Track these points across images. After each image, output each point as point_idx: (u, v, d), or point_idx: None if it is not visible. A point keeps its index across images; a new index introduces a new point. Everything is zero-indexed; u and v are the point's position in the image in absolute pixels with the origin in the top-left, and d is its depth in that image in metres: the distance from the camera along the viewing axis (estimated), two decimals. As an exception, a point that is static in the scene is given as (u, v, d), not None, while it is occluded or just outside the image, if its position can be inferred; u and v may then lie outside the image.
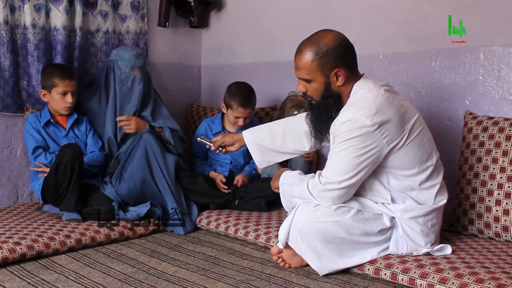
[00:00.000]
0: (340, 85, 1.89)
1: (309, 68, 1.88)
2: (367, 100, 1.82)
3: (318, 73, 1.87)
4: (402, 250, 1.93)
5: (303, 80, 1.93)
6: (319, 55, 1.86)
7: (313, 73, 1.88)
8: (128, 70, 2.76)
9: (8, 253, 2.02)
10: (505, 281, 1.62)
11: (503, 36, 2.32)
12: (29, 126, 2.66)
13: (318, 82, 1.89)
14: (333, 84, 1.89)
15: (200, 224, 2.60)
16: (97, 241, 2.30)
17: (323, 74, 1.87)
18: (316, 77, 1.88)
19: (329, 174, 1.85)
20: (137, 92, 2.79)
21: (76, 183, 2.42)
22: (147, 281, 1.88)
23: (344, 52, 1.88)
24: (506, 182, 2.09)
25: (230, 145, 2.27)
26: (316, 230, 1.88)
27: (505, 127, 2.15)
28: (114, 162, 2.72)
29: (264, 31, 3.35)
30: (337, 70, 1.87)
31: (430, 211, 1.91)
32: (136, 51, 2.81)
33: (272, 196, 2.67)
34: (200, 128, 3.04)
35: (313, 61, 1.87)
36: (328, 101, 1.91)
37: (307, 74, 1.89)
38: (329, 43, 1.87)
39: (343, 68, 1.87)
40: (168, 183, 2.58)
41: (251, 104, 2.90)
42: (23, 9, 2.77)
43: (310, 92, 1.94)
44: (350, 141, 1.79)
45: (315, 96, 1.94)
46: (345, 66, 1.88)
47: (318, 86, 1.90)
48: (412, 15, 2.62)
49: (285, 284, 1.84)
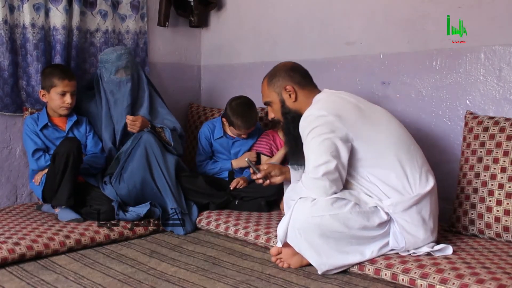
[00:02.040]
0: (294, 101, 2.13)
1: (266, 92, 2.20)
2: (320, 101, 2.06)
3: (273, 94, 2.16)
4: (402, 244, 1.92)
5: (266, 104, 2.23)
6: (270, 78, 2.18)
7: (269, 95, 2.18)
8: (113, 74, 2.72)
9: (7, 254, 2.01)
10: (506, 282, 1.61)
11: (503, 35, 2.32)
12: (27, 129, 2.65)
13: (275, 102, 2.17)
14: (287, 101, 2.14)
15: (200, 224, 2.59)
16: (97, 242, 2.30)
17: (276, 93, 2.16)
18: (272, 98, 2.17)
19: (309, 165, 1.95)
20: (126, 93, 2.75)
21: (70, 177, 2.40)
22: (147, 281, 1.87)
23: (291, 72, 2.16)
24: (507, 182, 2.09)
25: (276, 176, 2.28)
26: (314, 225, 1.89)
27: (506, 127, 2.15)
28: (114, 162, 2.71)
29: (264, 31, 3.34)
30: (286, 86, 2.13)
31: (420, 198, 1.92)
32: (117, 53, 2.74)
33: (272, 196, 2.68)
34: (204, 132, 3.01)
35: (268, 85, 2.19)
36: (287, 117, 2.15)
37: (266, 97, 2.20)
38: (277, 67, 2.21)
39: (292, 85, 2.13)
40: (168, 183, 2.58)
41: (254, 123, 2.89)
42: (22, 8, 2.77)
43: (275, 114, 2.21)
44: (313, 131, 1.94)
45: (278, 116, 2.20)
46: (294, 83, 2.14)
47: (276, 105, 2.17)
48: (412, 15, 2.61)
49: (285, 284, 1.84)
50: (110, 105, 2.77)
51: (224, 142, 2.99)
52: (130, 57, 2.80)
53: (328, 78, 2.99)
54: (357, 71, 2.86)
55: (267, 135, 2.97)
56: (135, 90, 2.80)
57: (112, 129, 2.78)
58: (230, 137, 2.99)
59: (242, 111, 2.83)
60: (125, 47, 2.88)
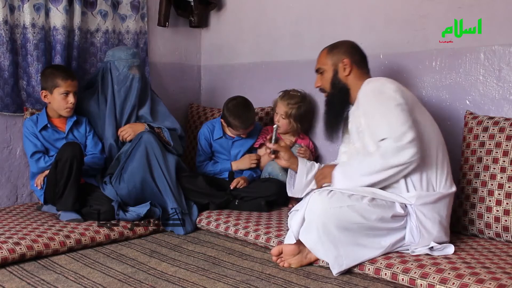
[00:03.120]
0: (347, 75, 2.18)
1: (323, 59, 2.25)
2: (383, 78, 2.14)
3: (329, 63, 2.22)
4: (416, 239, 1.93)
5: (317, 72, 2.27)
6: (332, 49, 2.25)
7: (325, 62, 2.23)
8: (126, 69, 2.75)
9: (7, 253, 2.01)
10: (505, 281, 1.61)
11: (503, 36, 2.32)
12: (26, 131, 2.65)
13: (328, 71, 2.22)
14: (340, 74, 2.19)
15: (200, 224, 2.59)
16: (97, 241, 2.30)
17: (332, 64, 2.21)
18: (326, 66, 2.22)
19: (390, 133, 1.92)
20: (135, 91, 2.78)
21: (74, 182, 2.41)
22: (147, 281, 1.87)
23: (353, 50, 2.23)
24: (506, 182, 2.09)
25: (283, 159, 2.27)
26: (332, 215, 1.89)
27: (505, 127, 2.15)
28: (114, 162, 2.72)
29: (264, 31, 3.35)
30: (344, 60, 2.18)
31: (441, 197, 1.97)
32: (132, 50, 2.80)
33: (272, 196, 2.68)
34: (204, 132, 3.02)
35: (327, 53, 2.24)
36: (335, 88, 2.20)
37: (321, 64, 2.25)
38: (341, 41, 2.28)
39: (350, 60, 2.18)
40: (169, 183, 2.58)
41: (252, 122, 2.90)
42: (22, 8, 2.77)
43: (323, 83, 2.25)
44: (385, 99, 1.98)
45: (327, 87, 2.24)
46: (352, 60, 2.20)
47: (328, 75, 2.22)
48: (412, 15, 2.61)
49: (285, 284, 1.84)
50: (116, 101, 2.77)
51: (223, 143, 2.99)
52: (142, 59, 2.89)
53: (328, 78, 2.99)
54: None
55: (267, 130, 3.00)
56: (142, 90, 2.82)
57: (115, 126, 2.78)
58: (230, 137, 2.99)
59: (238, 112, 2.85)
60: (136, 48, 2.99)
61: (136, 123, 2.80)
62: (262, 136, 3.00)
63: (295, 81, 3.10)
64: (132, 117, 2.82)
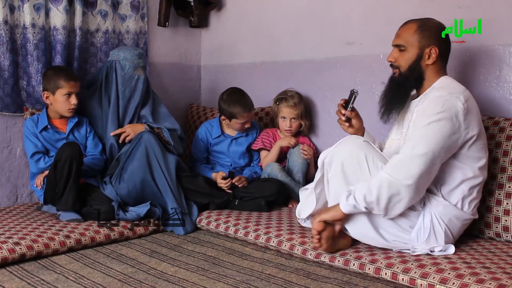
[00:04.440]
0: (429, 64, 2.01)
1: (409, 36, 2.02)
2: (459, 88, 1.96)
3: (415, 43, 2.01)
4: (420, 241, 1.92)
5: (398, 47, 2.05)
6: (423, 27, 2.01)
7: (411, 41, 2.01)
8: (131, 70, 2.75)
9: (7, 253, 2.01)
10: (506, 282, 1.61)
11: (503, 36, 2.32)
12: (27, 131, 2.65)
13: (412, 52, 2.02)
14: (424, 60, 2.01)
15: (200, 224, 2.59)
16: (97, 241, 2.30)
17: (419, 46, 2.01)
18: (411, 46, 2.01)
19: (416, 143, 1.84)
20: (139, 92, 2.79)
21: (74, 182, 2.41)
22: (147, 281, 1.87)
23: (444, 39, 2.04)
24: (506, 182, 2.09)
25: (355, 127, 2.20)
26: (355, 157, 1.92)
27: (505, 127, 2.15)
28: (115, 163, 2.72)
29: (264, 31, 3.35)
30: (433, 47, 2.00)
31: (465, 219, 1.97)
32: (138, 51, 2.81)
33: (272, 196, 2.68)
34: (200, 133, 3.04)
35: (416, 31, 2.01)
36: (413, 73, 2.02)
37: (405, 41, 2.03)
38: (435, 23, 2.05)
39: (438, 49, 2.00)
40: (169, 183, 2.58)
41: (252, 105, 2.92)
42: (22, 8, 2.77)
43: (399, 61, 2.05)
44: (440, 115, 1.84)
45: (403, 66, 2.04)
46: (440, 49, 2.01)
47: (410, 56, 2.02)
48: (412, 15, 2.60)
49: (285, 284, 1.84)
50: (119, 101, 2.77)
51: (222, 142, 3.00)
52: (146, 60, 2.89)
53: (328, 78, 3.00)
54: (357, 71, 2.86)
55: (267, 133, 3.00)
56: (145, 91, 2.83)
57: (117, 126, 2.78)
58: (228, 136, 2.99)
59: (236, 98, 2.88)
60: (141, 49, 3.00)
61: (136, 124, 2.80)
62: (261, 139, 2.99)
63: (295, 81, 3.10)
64: (134, 118, 2.83)
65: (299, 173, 2.83)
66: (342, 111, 2.18)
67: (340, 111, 2.19)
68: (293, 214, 2.55)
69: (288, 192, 2.77)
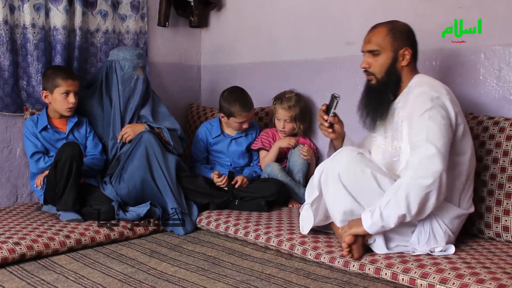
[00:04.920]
0: (404, 65, 2.01)
1: (381, 39, 2.01)
2: (438, 82, 1.99)
3: (388, 47, 2.00)
4: (421, 243, 1.92)
5: (371, 52, 2.03)
6: (393, 30, 2.01)
7: (384, 45, 2.00)
8: (131, 70, 2.75)
9: (7, 253, 2.01)
10: (506, 282, 1.61)
11: (503, 35, 2.32)
12: (27, 131, 2.65)
13: (386, 56, 2.01)
14: (399, 63, 2.01)
15: (200, 224, 2.59)
16: (97, 241, 2.30)
17: (392, 49, 2.00)
18: (385, 50, 2.00)
19: (424, 143, 1.82)
20: (138, 92, 2.79)
21: (74, 182, 2.41)
22: (147, 281, 1.87)
23: (414, 39, 2.04)
24: (506, 182, 2.09)
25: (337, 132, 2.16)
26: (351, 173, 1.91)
27: (505, 127, 2.15)
28: (115, 163, 2.72)
29: (264, 31, 3.35)
30: (406, 49, 2.00)
31: (462, 215, 1.96)
32: (138, 51, 2.81)
33: (272, 196, 2.68)
34: (200, 133, 3.04)
35: (387, 34, 2.00)
36: (391, 78, 2.01)
37: (378, 45, 2.01)
38: (404, 25, 2.05)
39: (411, 50, 2.00)
40: (169, 183, 2.57)
41: (252, 105, 2.92)
42: (22, 8, 2.77)
43: (374, 67, 2.03)
44: (435, 110, 1.85)
45: (379, 72, 2.03)
46: (413, 50, 2.02)
47: (385, 60, 2.01)
48: (412, 15, 2.61)
49: (285, 284, 1.84)
50: (120, 100, 2.77)
51: (222, 141, 3.00)
52: (146, 60, 2.89)
53: (328, 78, 2.99)
54: (357, 71, 2.83)
55: (266, 133, 3.00)
56: (145, 90, 2.83)
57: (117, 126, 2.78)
58: (228, 135, 2.99)
59: (236, 96, 2.88)
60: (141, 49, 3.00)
61: (136, 124, 2.80)
62: (260, 138, 2.99)
63: (295, 81, 3.10)
64: (134, 118, 2.83)
65: (300, 173, 2.83)
66: (325, 117, 2.13)
67: (322, 117, 2.14)
68: (293, 214, 2.56)
69: (288, 192, 2.77)
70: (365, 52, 2.05)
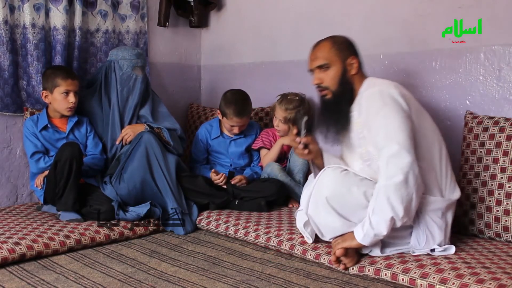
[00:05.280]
0: (354, 74, 2.05)
1: (327, 53, 2.05)
2: (385, 81, 2.02)
3: (336, 59, 2.04)
4: (422, 244, 1.92)
5: (320, 68, 2.05)
6: (336, 43, 2.06)
7: (331, 58, 2.04)
8: (129, 69, 2.75)
9: (7, 253, 2.01)
10: (506, 282, 1.61)
11: (503, 36, 2.32)
12: (27, 131, 2.65)
13: (336, 68, 2.04)
14: (348, 72, 2.04)
15: (200, 224, 2.59)
16: (97, 241, 2.30)
17: (340, 60, 2.04)
18: (334, 62, 2.04)
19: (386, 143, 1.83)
20: (137, 91, 2.79)
21: (74, 182, 2.41)
22: (147, 281, 1.87)
23: (355, 48, 2.10)
24: (506, 182, 2.09)
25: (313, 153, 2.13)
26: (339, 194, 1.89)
27: (505, 127, 2.15)
28: (115, 163, 2.72)
29: (264, 31, 3.35)
30: (352, 58, 2.05)
31: (449, 205, 1.95)
32: (137, 51, 2.81)
33: (272, 196, 2.68)
34: (200, 133, 3.04)
35: (331, 48, 2.05)
36: (345, 88, 2.03)
37: (326, 59, 2.04)
38: (343, 37, 2.11)
39: (356, 58, 2.06)
40: (169, 183, 2.58)
41: (246, 114, 2.90)
42: (22, 8, 2.77)
43: (326, 81, 2.05)
44: (387, 108, 1.88)
45: (332, 85, 2.04)
46: (358, 58, 2.07)
47: (336, 72, 2.04)
48: (412, 15, 2.61)
49: (285, 284, 1.84)
50: (119, 100, 2.77)
51: (221, 142, 3.00)
52: (145, 60, 2.90)
53: (328, 78, 2.99)
54: (357, 71, 2.86)
55: (267, 132, 3.01)
56: (144, 90, 2.83)
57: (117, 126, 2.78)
58: (227, 136, 3.00)
59: (234, 100, 2.87)
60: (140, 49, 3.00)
61: (136, 124, 2.80)
62: (261, 138, 2.99)
63: (295, 81, 3.10)
64: (134, 118, 2.83)
65: (300, 173, 2.83)
66: (297, 140, 2.11)
67: (295, 141, 2.12)
68: (293, 214, 2.55)
69: (288, 192, 2.77)
70: (314, 69, 2.08)
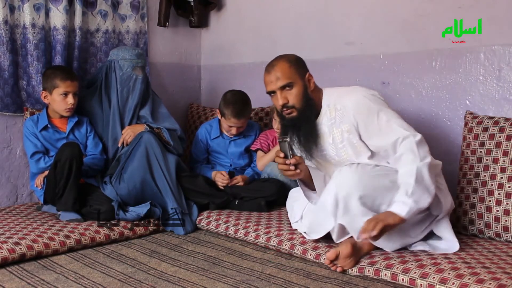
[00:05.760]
0: (312, 89, 2.11)
1: (288, 73, 2.06)
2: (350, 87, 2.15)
3: (297, 77, 2.07)
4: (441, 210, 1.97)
5: (283, 88, 2.06)
6: (291, 62, 2.09)
7: (293, 76, 2.06)
8: (130, 70, 2.75)
9: (7, 253, 2.01)
10: (505, 281, 1.61)
11: (503, 36, 2.32)
12: (27, 131, 2.65)
13: (298, 86, 2.07)
14: (309, 88, 2.10)
15: (200, 224, 2.59)
16: (97, 241, 2.30)
17: (300, 78, 2.07)
18: (296, 81, 2.06)
19: (407, 133, 1.93)
20: (137, 92, 2.79)
21: (74, 182, 2.41)
22: (147, 281, 1.87)
23: (305, 64, 2.15)
24: (506, 182, 2.09)
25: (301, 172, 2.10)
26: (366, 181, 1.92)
27: (505, 127, 2.15)
28: (115, 163, 2.72)
29: (264, 31, 3.35)
30: (308, 74, 2.11)
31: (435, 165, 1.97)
32: (137, 51, 2.81)
33: (272, 196, 2.68)
34: (200, 133, 3.04)
35: (290, 67, 2.07)
36: (310, 103, 2.08)
37: (289, 78, 2.05)
38: (293, 55, 2.15)
39: (310, 74, 2.12)
40: (169, 183, 2.58)
41: (244, 115, 2.89)
42: (22, 8, 2.77)
43: (292, 99, 2.07)
44: (383, 107, 2.01)
45: (298, 102, 2.07)
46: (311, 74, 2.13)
47: (299, 90, 2.07)
48: (412, 15, 2.62)
49: (285, 284, 1.84)
50: (119, 100, 2.77)
51: (221, 142, 3.00)
52: (145, 60, 2.90)
53: (328, 78, 2.98)
54: (357, 71, 2.86)
55: (265, 135, 3.00)
56: (144, 90, 2.83)
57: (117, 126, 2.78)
58: (227, 136, 3.00)
59: (234, 100, 2.86)
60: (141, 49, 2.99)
61: (136, 124, 2.80)
62: (259, 140, 2.99)
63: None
64: (134, 119, 2.83)
65: (300, 173, 2.83)
66: (287, 162, 2.06)
67: (284, 164, 2.06)
68: (293, 214, 2.55)
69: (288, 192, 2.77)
70: (277, 90, 2.06)
